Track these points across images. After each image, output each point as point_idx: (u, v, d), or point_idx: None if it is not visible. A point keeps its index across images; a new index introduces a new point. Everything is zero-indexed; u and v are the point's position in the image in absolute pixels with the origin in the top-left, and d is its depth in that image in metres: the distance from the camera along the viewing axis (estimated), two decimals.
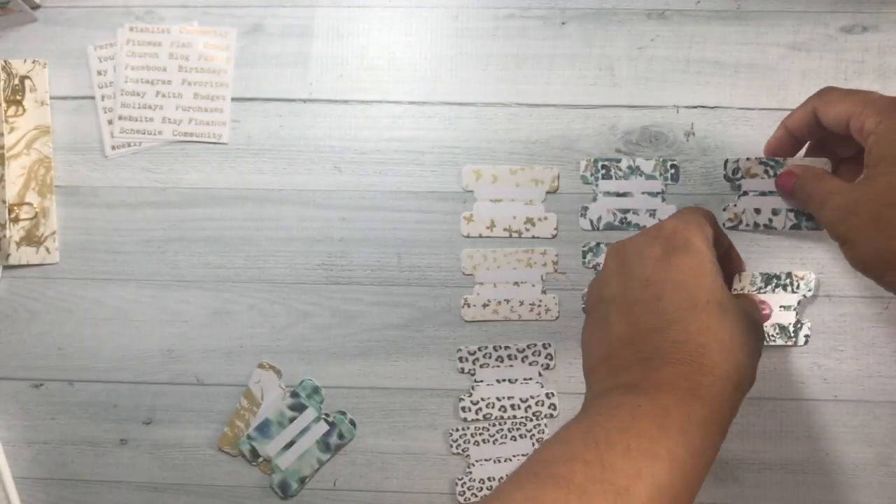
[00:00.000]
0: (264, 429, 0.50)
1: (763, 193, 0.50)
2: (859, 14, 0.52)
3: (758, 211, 0.50)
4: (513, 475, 0.32)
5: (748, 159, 0.50)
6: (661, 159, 0.52)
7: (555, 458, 0.32)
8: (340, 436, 0.51)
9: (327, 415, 0.51)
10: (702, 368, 0.33)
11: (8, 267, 0.53)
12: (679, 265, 0.36)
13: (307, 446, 0.50)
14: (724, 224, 0.50)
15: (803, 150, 0.48)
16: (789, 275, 0.50)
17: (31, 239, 0.53)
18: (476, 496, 0.50)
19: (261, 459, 0.50)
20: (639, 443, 0.31)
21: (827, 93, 0.42)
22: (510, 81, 0.53)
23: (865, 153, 0.38)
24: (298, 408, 0.50)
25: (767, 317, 0.48)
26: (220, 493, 0.52)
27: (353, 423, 0.51)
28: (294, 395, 0.51)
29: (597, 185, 0.52)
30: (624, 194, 0.51)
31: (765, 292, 0.50)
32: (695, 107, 0.52)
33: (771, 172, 0.49)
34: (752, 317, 0.37)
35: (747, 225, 0.50)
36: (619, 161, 0.52)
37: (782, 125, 0.45)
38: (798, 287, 0.50)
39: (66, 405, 0.52)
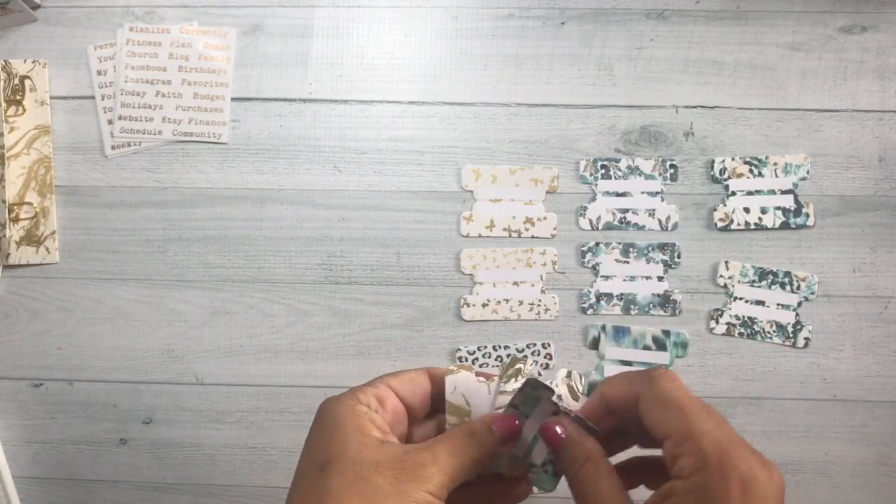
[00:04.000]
0: None
1: (750, 193, 0.50)
2: (858, 14, 0.52)
3: (747, 210, 0.50)
4: None
5: (733, 159, 0.50)
6: (660, 159, 0.52)
7: None
8: None
9: None
10: None
11: (8, 267, 0.53)
12: (308, 438, 0.34)
13: None
14: (715, 224, 0.51)
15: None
16: (788, 274, 0.50)
17: (31, 239, 0.53)
18: None
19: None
20: None
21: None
22: (509, 81, 0.53)
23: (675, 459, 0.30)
24: None
25: (507, 439, 0.34)
26: (220, 493, 0.52)
27: None
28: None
29: (596, 185, 0.52)
30: (623, 194, 0.52)
31: (759, 287, 0.50)
32: (694, 107, 0.52)
33: (756, 172, 0.50)
34: (398, 463, 0.32)
35: (738, 224, 0.51)
36: (618, 161, 0.52)
37: (598, 391, 0.36)
38: (798, 288, 0.50)
39: (66, 405, 0.52)
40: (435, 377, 0.37)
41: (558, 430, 0.35)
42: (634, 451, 0.35)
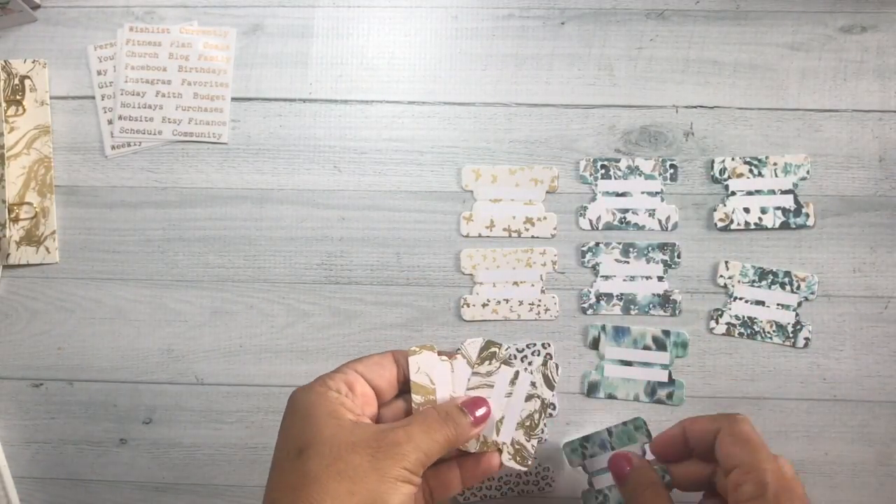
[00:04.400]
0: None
1: (750, 193, 0.51)
2: (858, 14, 0.52)
3: (747, 210, 0.50)
4: None
5: (733, 159, 0.50)
6: (660, 159, 0.52)
7: None
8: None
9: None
10: None
11: (8, 267, 0.53)
12: (282, 426, 0.35)
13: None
14: (715, 224, 0.51)
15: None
16: (788, 273, 0.50)
17: (31, 239, 0.53)
18: (476, 495, 0.50)
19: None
20: None
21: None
22: (509, 81, 0.53)
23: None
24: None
25: (480, 420, 0.37)
26: (220, 492, 0.52)
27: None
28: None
29: (596, 185, 0.52)
30: (623, 194, 0.52)
31: (759, 287, 0.50)
32: (694, 107, 0.52)
33: (756, 172, 0.50)
34: (374, 441, 0.33)
35: (738, 224, 0.51)
36: (618, 161, 0.52)
37: (680, 424, 0.41)
38: (798, 288, 0.50)
39: (66, 405, 0.52)
40: (399, 359, 0.38)
41: (629, 460, 0.41)
42: None
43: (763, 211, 0.51)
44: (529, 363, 0.40)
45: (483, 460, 0.38)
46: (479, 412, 0.37)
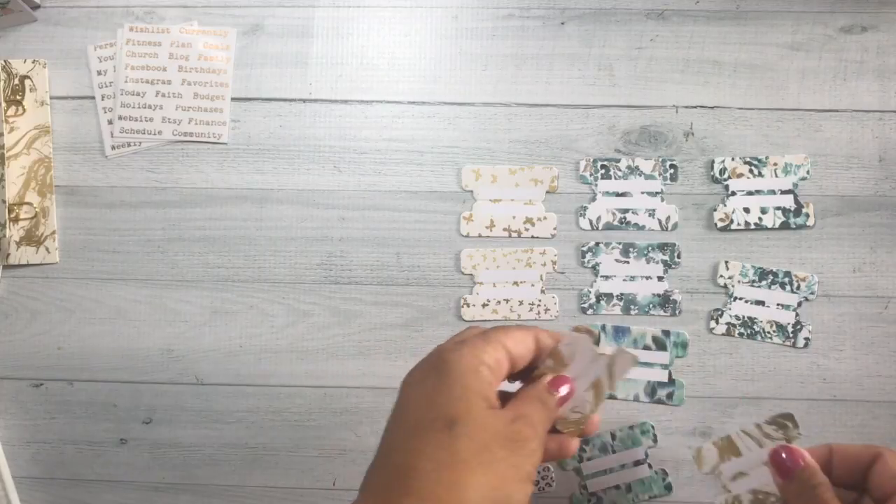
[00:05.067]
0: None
1: (750, 193, 0.51)
2: (858, 14, 0.52)
3: (747, 210, 0.50)
4: None
5: (733, 159, 0.50)
6: (660, 159, 0.52)
7: None
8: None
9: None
10: (408, 490, 0.31)
11: (8, 267, 0.53)
12: (425, 385, 0.34)
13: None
14: (715, 224, 0.51)
15: None
16: (788, 273, 0.50)
17: (31, 239, 0.53)
18: None
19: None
20: None
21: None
22: (509, 81, 0.53)
23: None
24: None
25: (564, 399, 0.36)
26: (220, 493, 0.52)
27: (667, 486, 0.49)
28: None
29: (596, 185, 0.52)
30: (623, 194, 0.52)
31: (759, 287, 0.50)
32: (694, 107, 0.52)
33: (756, 172, 0.50)
34: (511, 434, 0.32)
35: (738, 224, 0.51)
36: (618, 161, 0.52)
37: (826, 447, 0.40)
38: (798, 288, 0.50)
39: (66, 405, 0.52)
40: (540, 339, 0.37)
41: (801, 457, 0.38)
42: None
43: (763, 211, 0.51)
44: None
45: (565, 443, 0.37)
46: (563, 391, 0.36)
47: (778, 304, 0.50)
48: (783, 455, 0.38)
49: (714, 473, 0.44)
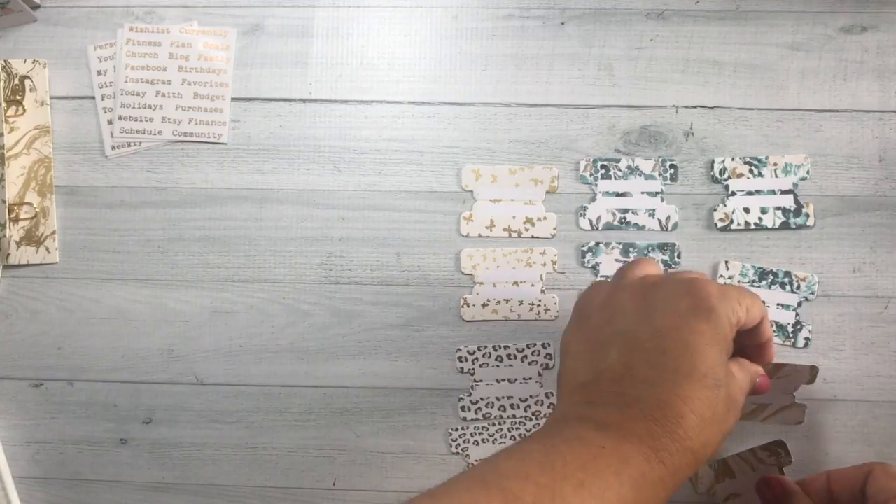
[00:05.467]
0: None
1: (750, 193, 0.51)
2: (858, 14, 0.52)
3: (747, 210, 0.50)
4: (463, 476, 0.32)
5: (733, 159, 0.50)
6: (660, 159, 0.52)
7: (509, 473, 0.32)
8: None
9: None
10: (673, 435, 0.33)
11: (8, 267, 0.53)
12: (695, 329, 0.35)
13: None
14: (715, 224, 0.51)
15: None
16: (788, 273, 0.50)
17: (31, 239, 0.53)
18: None
19: None
20: (592, 482, 0.31)
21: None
22: (509, 81, 0.53)
23: None
24: None
25: (765, 387, 0.41)
26: (220, 493, 0.52)
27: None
28: None
29: (596, 185, 0.52)
30: (623, 194, 0.52)
31: (759, 287, 0.50)
32: (694, 107, 0.52)
33: (756, 172, 0.50)
34: (736, 400, 0.37)
35: (738, 224, 0.51)
36: (618, 161, 0.52)
37: (825, 474, 0.44)
38: (798, 288, 0.50)
39: (66, 405, 0.52)
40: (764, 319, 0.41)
41: (781, 485, 0.44)
42: None
43: (763, 211, 0.51)
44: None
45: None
46: (763, 384, 0.41)
47: (778, 304, 0.50)
48: (767, 485, 0.45)
49: (709, 494, 0.46)
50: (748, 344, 0.40)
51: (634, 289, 0.38)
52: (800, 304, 0.50)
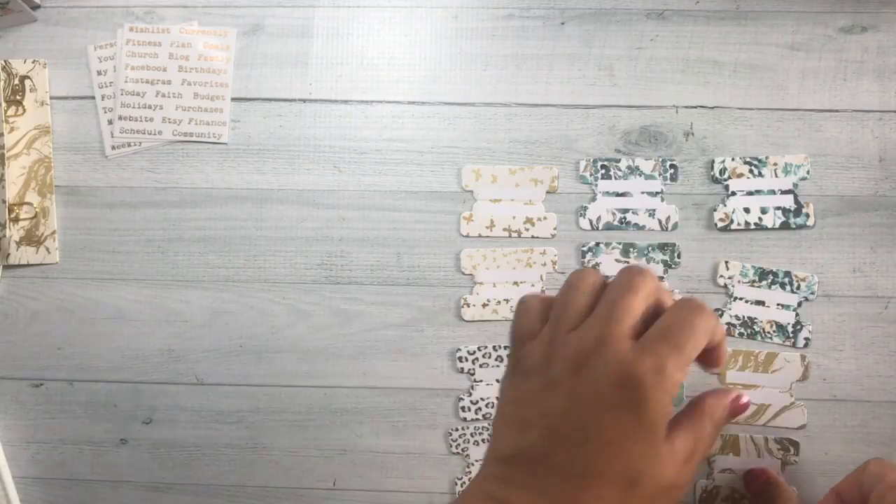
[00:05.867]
0: None
1: (750, 193, 0.51)
2: (858, 14, 0.52)
3: (747, 210, 0.50)
4: None
5: (733, 159, 0.51)
6: (660, 159, 0.52)
7: None
8: None
9: None
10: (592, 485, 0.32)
11: (8, 267, 0.53)
12: (619, 427, 0.33)
13: None
14: (715, 224, 0.51)
15: None
16: (788, 273, 0.50)
17: (31, 239, 0.53)
18: None
19: None
20: None
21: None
22: (509, 81, 0.53)
23: None
24: None
25: (744, 407, 0.37)
26: (220, 493, 0.52)
27: None
28: None
29: (596, 185, 0.52)
30: (623, 194, 0.52)
31: (759, 287, 0.50)
32: (694, 107, 0.52)
33: (756, 172, 0.50)
34: (667, 486, 0.33)
35: (738, 224, 0.51)
36: (618, 161, 0.52)
37: (832, 491, 0.45)
38: (798, 288, 0.50)
39: (66, 405, 0.52)
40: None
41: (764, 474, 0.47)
42: None
43: (763, 211, 0.51)
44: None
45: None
46: (740, 409, 0.37)
47: (778, 304, 0.50)
48: (753, 475, 0.47)
49: (707, 458, 0.48)
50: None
51: (567, 361, 0.35)
52: (800, 304, 0.50)
